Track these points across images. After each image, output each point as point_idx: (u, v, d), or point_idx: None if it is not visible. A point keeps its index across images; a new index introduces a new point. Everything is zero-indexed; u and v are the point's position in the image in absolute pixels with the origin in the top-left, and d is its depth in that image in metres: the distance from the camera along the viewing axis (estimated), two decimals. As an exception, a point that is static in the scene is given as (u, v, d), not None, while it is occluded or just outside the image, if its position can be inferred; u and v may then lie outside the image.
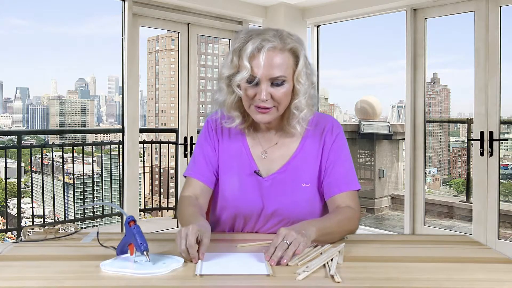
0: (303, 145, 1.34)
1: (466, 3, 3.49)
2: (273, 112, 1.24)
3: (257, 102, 1.22)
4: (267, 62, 1.19)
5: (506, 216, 4.27)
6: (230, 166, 1.35)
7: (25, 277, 0.94)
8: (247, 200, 1.32)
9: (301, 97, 1.24)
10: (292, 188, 1.31)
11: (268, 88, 1.20)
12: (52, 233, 1.27)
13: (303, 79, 1.24)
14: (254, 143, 1.36)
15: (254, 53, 1.19)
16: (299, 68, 1.23)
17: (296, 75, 1.23)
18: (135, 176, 3.75)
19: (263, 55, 1.19)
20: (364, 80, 37.22)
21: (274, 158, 1.34)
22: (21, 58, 79.83)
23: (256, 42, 1.19)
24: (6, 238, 4.52)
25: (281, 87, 1.22)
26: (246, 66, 1.19)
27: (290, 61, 1.22)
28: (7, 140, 5.76)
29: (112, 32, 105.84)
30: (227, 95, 1.27)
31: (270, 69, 1.19)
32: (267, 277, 0.93)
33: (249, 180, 1.32)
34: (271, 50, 1.19)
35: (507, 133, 4.65)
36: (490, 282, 0.93)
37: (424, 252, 1.15)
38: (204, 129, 1.42)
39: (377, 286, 0.90)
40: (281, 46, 1.21)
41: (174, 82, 14.98)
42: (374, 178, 5.45)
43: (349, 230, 1.25)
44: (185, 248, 1.01)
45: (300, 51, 1.23)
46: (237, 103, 1.28)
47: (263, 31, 1.23)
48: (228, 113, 1.31)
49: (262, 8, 4.36)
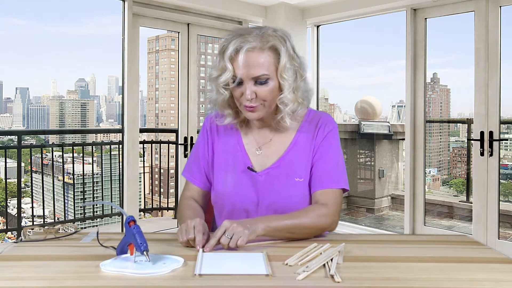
0: (296, 140, 1.36)
1: (466, 3, 3.49)
2: (260, 109, 1.28)
3: (243, 101, 1.26)
4: (246, 62, 1.22)
5: (506, 216, 4.27)
6: (226, 163, 1.38)
7: (25, 277, 0.94)
8: (242, 195, 1.34)
9: (286, 91, 1.27)
10: (286, 182, 1.33)
11: (252, 87, 1.24)
12: (52, 233, 1.26)
13: (288, 74, 1.26)
14: (249, 140, 1.39)
15: (233, 54, 1.23)
16: (281, 64, 1.25)
17: (279, 71, 1.26)
18: (135, 176, 3.75)
19: (242, 56, 1.22)
20: (364, 80, 37.44)
21: (268, 154, 1.36)
22: (21, 58, 79.92)
23: (236, 43, 1.23)
24: (6, 238, 4.52)
25: (265, 85, 1.25)
26: (228, 67, 1.23)
27: (271, 59, 1.25)
28: (7, 140, 5.76)
29: (112, 32, 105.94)
30: (217, 94, 1.31)
31: (250, 69, 1.22)
32: (267, 277, 0.93)
33: (243, 176, 1.35)
34: (250, 50, 1.22)
35: (507, 133, 4.65)
36: (490, 282, 0.93)
37: (424, 252, 1.15)
38: (202, 130, 1.47)
39: (377, 286, 0.90)
40: (261, 45, 1.23)
41: (174, 82, 14.97)
42: (374, 178, 5.45)
43: (317, 228, 1.25)
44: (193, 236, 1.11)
45: (280, 48, 1.25)
46: (228, 101, 1.32)
47: (246, 31, 1.26)
48: (220, 111, 1.36)
49: (262, 8, 4.36)
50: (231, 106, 1.34)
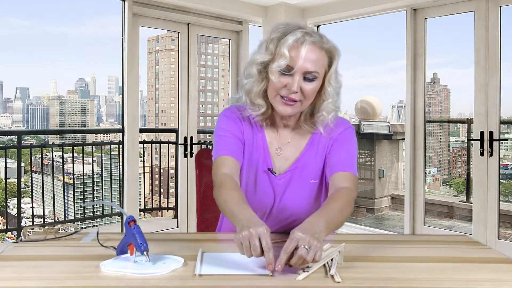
0: (312, 142, 1.37)
1: (466, 3, 3.49)
2: (297, 106, 1.27)
3: (285, 92, 1.24)
4: (306, 55, 1.22)
5: (506, 216, 4.27)
6: (250, 158, 1.35)
7: (25, 277, 0.94)
8: (260, 196, 1.34)
9: (331, 99, 1.28)
10: (301, 184, 1.34)
11: (300, 80, 1.23)
12: (52, 233, 1.26)
13: (334, 82, 1.27)
14: (271, 139, 1.37)
15: (295, 44, 1.22)
16: (332, 70, 1.26)
17: (328, 76, 1.27)
18: (135, 176, 3.75)
19: (305, 48, 1.22)
20: (364, 80, 37.32)
21: (287, 156, 1.36)
22: (21, 58, 79.81)
23: (299, 35, 1.22)
24: (6, 238, 4.52)
25: (312, 82, 1.24)
26: (285, 55, 1.21)
27: (324, 60, 1.26)
28: (7, 140, 5.76)
29: (112, 32, 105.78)
30: (255, 82, 1.29)
31: (307, 62, 1.22)
32: (267, 277, 0.93)
33: (262, 176, 1.34)
34: (311, 44, 1.23)
35: (507, 133, 4.65)
36: (490, 282, 0.93)
37: (424, 252, 1.15)
38: (226, 116, 1.37)
39: (377, 286, 0.90)
40: (320, 43, 1.25)
41: (174, 82, 14.98)
42: (374, 178, 5.45)
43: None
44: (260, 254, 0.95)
45: (335, 54, 1.27)
46: (263, 92, 1.30)
47: (303, 26, 1.27)
48: (254, 100, 1.31)
49: (262, 8, 4.36)
50: (264, 98, 1.31)
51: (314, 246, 0.95)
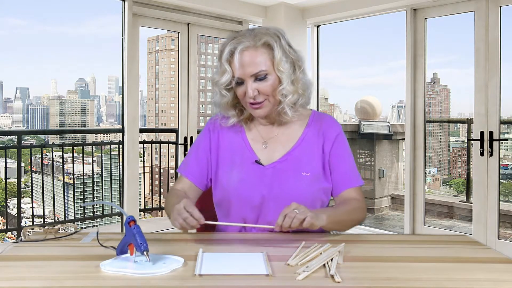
0: (305, 136, 1.41)
1: (466, 3, 3.49)
2: (266, 105, 1.33)
3: (248, 99, 1.31)
4: (242, 62, 1.28)
5: (506, 216, 4.27)
6: (231, 160, 1.40)
7: (25, 277, 0.94)
8: (248, 188, 1.35)
9: (285, 83, 1.31)
10: (293, 176, 1.35)
11: (252, 84, 1.29)
12: (52, 233, 1.26)
13: (284, 67, 1.31)
14: (253, 135, 1.42)
15: (229, 56, 1.30)
16: (277, 58, 1.30)
17: (275, 65, 1.30)
18: (135, 176, 3.75)
19: (237, 56, 1.28)
20: (364, 80, 37.20)
21: (275, 148, 1.40)
22: (21, 58, 79.85)
23: (231, 46, 1.30)
24: (6, 238, 4.52)
25: (265, 80, 1.30)
26: (226, 69, 1.30)
27: (266, 55, 1.30)
28: (7, 140, 5.77)
29: (112, 32, 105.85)
30: (220, 97, 1.37)
31: (247, 67, 1.28)
32: (267, 277, 0.93)
33: (250, 170, 1.37)
34: (244, 50, 1.29)
35: (507, 133, 4.65)
36: (490, 282, 0.93)
37: (424, 252, 1.15)
38: (203, 130, 1.50)
39: (377, 286, 0.90)
40: (254, 43, 1.29)
41: (174, 82, 14.99)
42: (374, 178, 5.45)
43: (357, 220, 1.35)
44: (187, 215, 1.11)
45: (273, 43, 1.31)
46: (231, 102, 1.37)
47: (240, 34, 1.34)
48: (224, 113, 1.41)
49: (262, 8, 4.36)
50: (234, 107, 1.39)
51: (304, 210, 1.13)
